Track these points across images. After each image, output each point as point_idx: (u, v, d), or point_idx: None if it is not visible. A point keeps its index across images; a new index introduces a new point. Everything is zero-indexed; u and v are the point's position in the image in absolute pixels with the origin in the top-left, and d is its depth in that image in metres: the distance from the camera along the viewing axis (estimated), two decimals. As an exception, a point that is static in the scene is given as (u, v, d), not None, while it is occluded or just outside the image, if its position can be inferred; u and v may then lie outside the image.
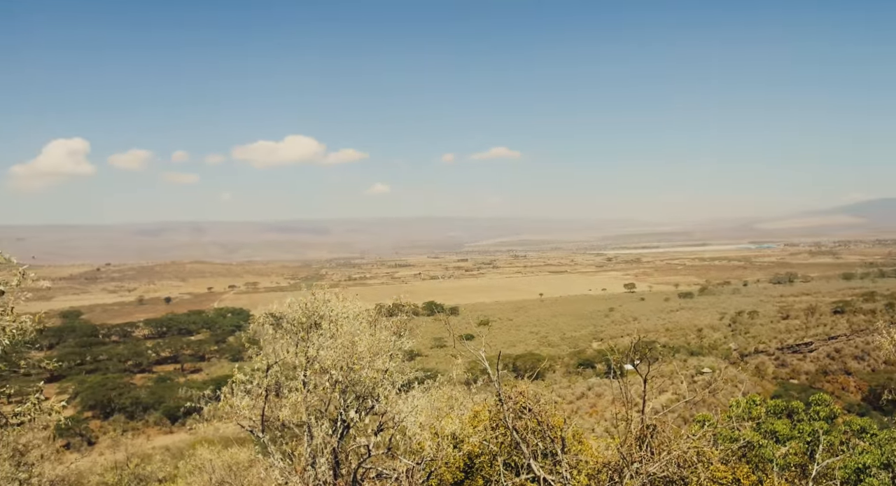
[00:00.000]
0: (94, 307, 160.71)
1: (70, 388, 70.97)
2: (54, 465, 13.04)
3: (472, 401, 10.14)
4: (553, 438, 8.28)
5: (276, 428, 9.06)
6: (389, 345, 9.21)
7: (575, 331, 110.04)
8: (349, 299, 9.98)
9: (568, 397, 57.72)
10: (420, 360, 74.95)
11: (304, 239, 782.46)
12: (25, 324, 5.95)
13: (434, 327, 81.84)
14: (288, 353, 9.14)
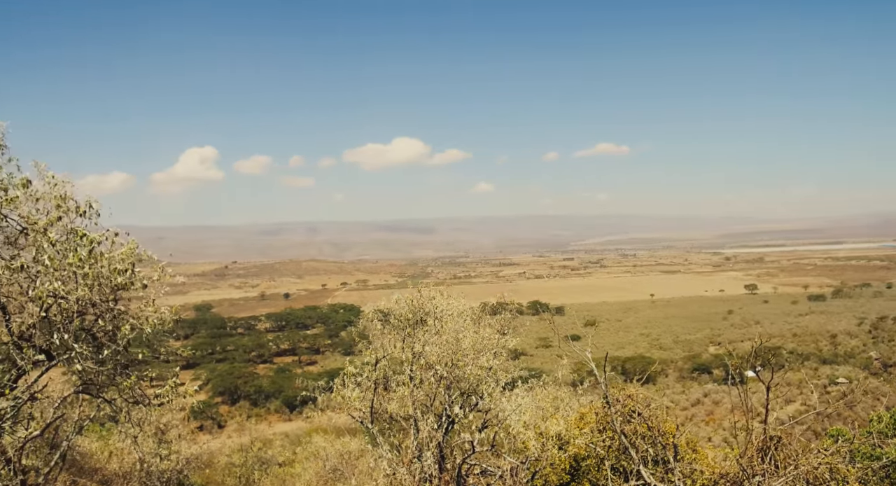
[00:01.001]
0: (223, 302, 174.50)
1: (202, 375, 77.49)
2: (189, 444, 14.33)
3: (577, 402, 9.92)
4: (665, 444, 7.90)
5: (384, 420, 9.38)
6: (493, 343, 9.22)
7: (689, 334, 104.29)
8: (454, 297, 10.11)
9: (681, 403, 54.81)
10: (524, 359, 74.44)
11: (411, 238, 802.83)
12: (165, 315, 6.58)
13: (538, 326, 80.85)
14: (395, 348, 9.43)
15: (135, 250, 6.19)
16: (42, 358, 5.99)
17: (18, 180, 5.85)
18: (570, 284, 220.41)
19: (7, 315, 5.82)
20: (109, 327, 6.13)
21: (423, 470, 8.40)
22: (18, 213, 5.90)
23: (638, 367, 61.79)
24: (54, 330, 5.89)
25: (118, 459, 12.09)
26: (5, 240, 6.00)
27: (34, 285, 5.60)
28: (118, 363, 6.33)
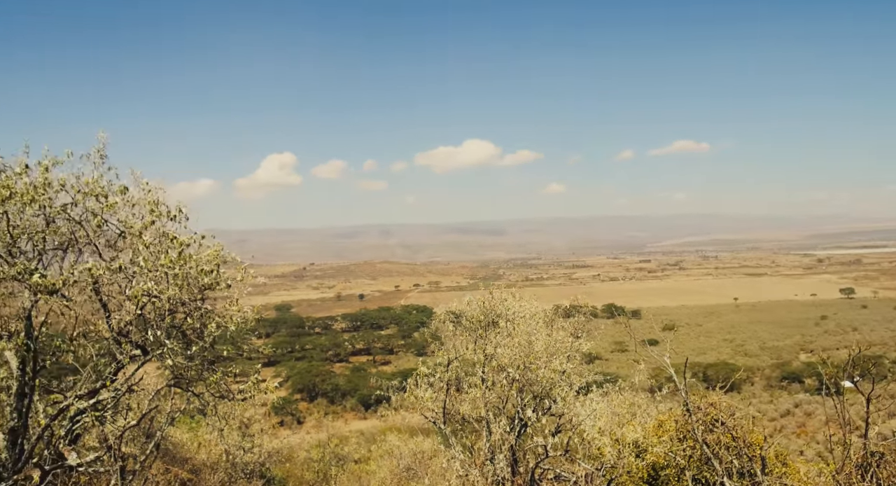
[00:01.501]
0: (301, 302, 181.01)
1: (283, 372, 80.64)
2: (271, 438, 14.94)
3: (655, 409, 9.57)
4: (751, 456, 7.48)
5: (456, 421, 9.41)
6: (566, 346, 9.06)
7: (777, 340, 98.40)
8: (526, 299, 10.01)
9: (769, 414, 51.77)
10: (599, 363, 72.63)
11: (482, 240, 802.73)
12: (248, 314, 6.88)
13: (614, 330, 78.78)
14: (467, 349, 9.44)
15: (220, 251, 6.52)
16: (138, 353, 6.41)
17: (117, 187, 6.30)
18: (646, 286, 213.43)
19: (108, 312, 6.27)
20: (197, 325, 6.48)
21: (496, 473, 8.36)
22: (117, 217, 6.36)
23: (721, 374, 58.94)
24: (149, 327, 6.29)
25: (206, 450, 12.76)
26: (106, 243, 6.47)
27: (131, 284, 6.01)
28: (205, 359, 6.68)
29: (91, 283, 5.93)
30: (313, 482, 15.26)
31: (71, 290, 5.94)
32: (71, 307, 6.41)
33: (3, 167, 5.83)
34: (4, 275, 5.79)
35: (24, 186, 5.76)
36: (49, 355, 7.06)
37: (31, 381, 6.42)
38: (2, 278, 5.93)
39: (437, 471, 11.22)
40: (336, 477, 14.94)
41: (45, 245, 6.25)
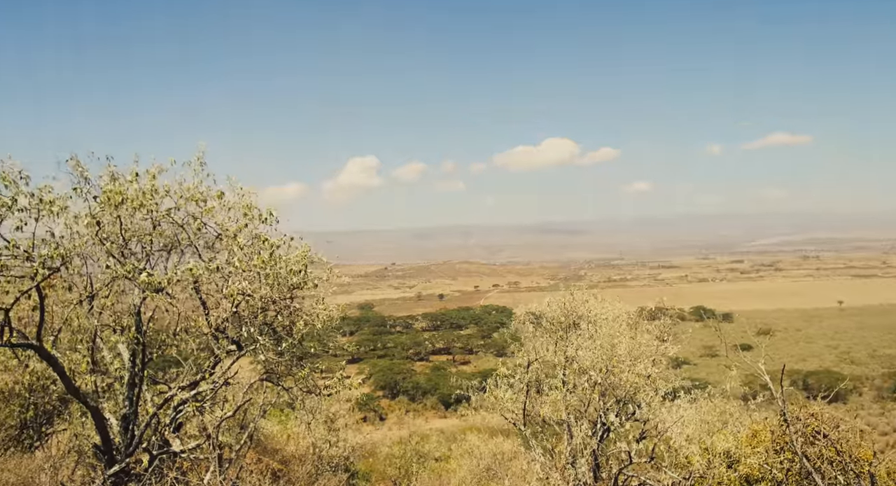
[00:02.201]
0: (383, 301, 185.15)
1: (365, 370, 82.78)
2: (355, 433, 15.40)
3: (749, 418, 9.06)
4: (858, 473, 6.93)
5: (536, 423, 9.31)
6: (652, 350, 8.76)
7: (890, 347, 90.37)
8: (608, 301, 9.77)
9: (880, 428, 47.64)
10: (687, 368, 69.44)
11: (562, 240, 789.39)
12: (333, 312, 7.15)
13: (703, 334, 75.20)
14: (547, 351, 9.32)
15: (307, 252, 6.81)
16: (233, 348, 6.81)
17: (215, 192, 6.72)
18: (739, 288, 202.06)
19: (206, 310, 6.71)
20: (287, 323, 6.80)
21: (577, 477, 8.20)
22: (215, 221, 6.78)
23: (823, 383, 54.86)
24: (243, 324, 6.67)
25: (295, 442, 13.33)
26: (205, 244, 6.92)
27: (227, 283, 6.39)
28: (294, 355, 7.00)
29: (192, 282, 6.36)
30: (395, 477, 15.58)
31: (174, 288, 6.40)
32: (174, 304, 6.91)
33: (116, 175, 6.36)
34: (117, 274, 6.32)
35: (134, 193, 6.26)
36: (155, 348, 7.64)
37: (141, 372, 6.97)
38: (115, 277, 6.48)
39: (517, 473, 11.15)
40: (417, 474, 15.17)
41: (151, 247, 6.77)
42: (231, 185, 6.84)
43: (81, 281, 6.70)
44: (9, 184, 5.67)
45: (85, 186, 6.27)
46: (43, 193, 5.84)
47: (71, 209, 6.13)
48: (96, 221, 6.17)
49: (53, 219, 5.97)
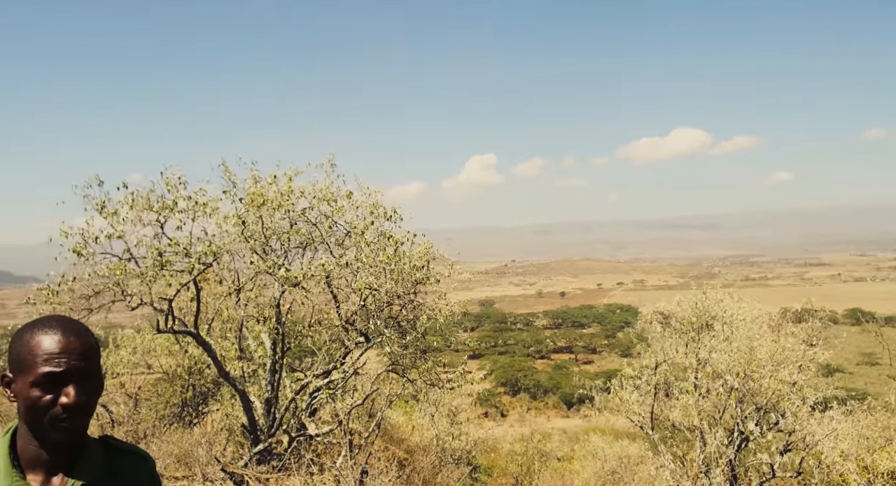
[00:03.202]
0: (503, 298, 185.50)
1: (486, 365, 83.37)
2: (476, 428, 15.59)
3: (919, 436, 7.99)
4: None
5: (665, 428, 8.87)
6: (798, 355, 7.99)
7: None
8: (746, 301, 9.06)
9: None
10: (840, 377, 62.54)
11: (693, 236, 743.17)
12: (455, 308, 7.29)
13: (860, 339, 67.44)
14: (677, 353, 8.84)
15: (429, 249, 7.00)
16: (362, 340, 7.16)
17: (344, 192, 7.12)
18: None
19: (337, 303, 7.12)
20: (411, 317, 7.04)
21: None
22: (344, 219, 7.18)
23: None
24: (370, 317, 7.00)
25: (419, 433, 13.76)
26: (335, 241, 7.34)
27: (355, 278, 6.74)
28: (418, 349, 7.22)
29: (324, 277, 6.78)
30: (517, 474, 15.57)
31: (309, 283, 6.86)
32: (309, 298, 7.40)
33: (259, 178, 6.94)
34: (259, 269, 6.89)
35: (273, 194, 6.79)
36: (293, 338, 8.23)
37: (281, 360, 7.55)
38: (257, 272, 7.07)
39: (644, 478, 10.69)
40: (539, 473, 15.05)
41: (289, 244, 7.31)
42: (359, 185, 7.22)
43: (230, 275, 7.39)
44: (171, 188, 6.40)
45: (233, 189, 6.91)
46: (198, 197, 6.52)
47: (221, 210, 6.80)
48: (242, 220, 6.78)
49: (206, 219, 6.65)
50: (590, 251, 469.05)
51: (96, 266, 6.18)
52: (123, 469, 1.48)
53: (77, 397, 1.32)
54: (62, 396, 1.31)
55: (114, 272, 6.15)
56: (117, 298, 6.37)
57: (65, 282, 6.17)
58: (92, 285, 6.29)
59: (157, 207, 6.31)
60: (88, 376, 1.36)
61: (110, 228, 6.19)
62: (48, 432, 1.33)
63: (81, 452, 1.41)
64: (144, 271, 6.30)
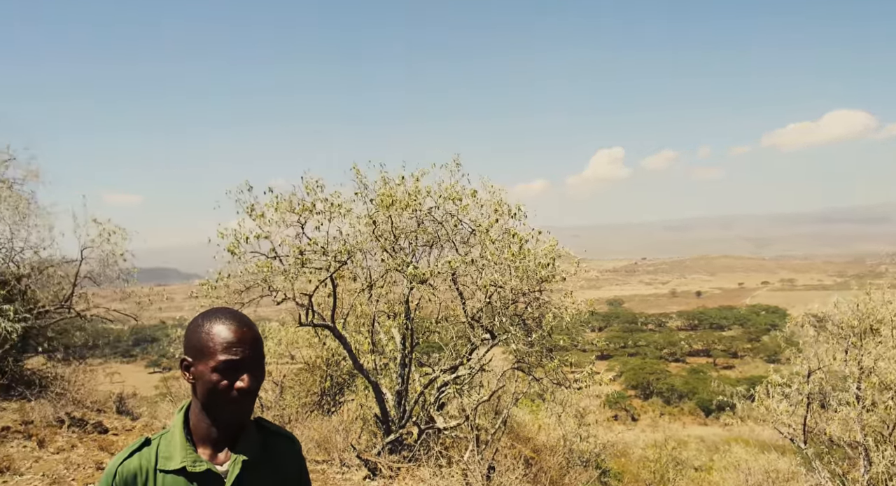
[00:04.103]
0: (633, 297, 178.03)
1: (615, 367, 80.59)
2: (605, 430, 15.13)
3: None
4: None
5: (821, 442, 8.03)
6: None
7: None
8: (921, 302, 7.94)
9: None
10: None
11: (853, 230, 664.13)
12: (581, 307, 7.12)
13: None
14: (834, 360, 7.96)
15: (554, 246, 6.90)
16: (487, 337, 7.23)
17: (469, 191, 7.22)
18: None
19: (463, 300, 7.24)
20: (536, 314, 6.98)
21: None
22: (469, 217, 7.28)
23: None
24: (495, 314, 7.04)
25: (545, 432, 13.61)
26: (461, 239, 7.47)
27: (481, 275, 6.81)
28: (544, 347, 7.15)
29: (450, 274, 6.93)
30: (650, 481, 14.89)
31: (436, 280, 7.05)
32: (436, 295, 7.60)
33: (388, 180, 7.24)
34: (389, 267, 7.19)
35: (401, 195, 7.06)
36: (421, 334, 8.50)
37: (410, 354, 7.82)
38: (388, 270, 7.38)
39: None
40: (674, 482, 14.29)
41: (416, 242, 7.55)
42: (483, 183, 7.28)
43: (363, 273, 7.78)
44: (310, 191, 6.88)
45: (364, 190, 7.28)
46: (334, 199, 6.95)
47: (354, 211, 7.18)
48: (373, 220, 7.12)
49: (341, 220, 7.07)
50: (729, 248, 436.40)
51: (247, 264, 6.80)
52: (274, 449, 1.63)
53: (250, 383, 1.47)
54: (238, 381, 1.46)
55: (261, 270, 6.73)
56: (265, 293, 6.96)
57: (221, 278, 6.85)
58: (243, 281, 6.93)
59: (297, 209, 6.81)
60: (258, 363, 1.51)
61: (258, 229, 6.78)
62: (222, 412, 1.49)
63: (243, 431, 1.56)
64: (287, 269, 6.83)
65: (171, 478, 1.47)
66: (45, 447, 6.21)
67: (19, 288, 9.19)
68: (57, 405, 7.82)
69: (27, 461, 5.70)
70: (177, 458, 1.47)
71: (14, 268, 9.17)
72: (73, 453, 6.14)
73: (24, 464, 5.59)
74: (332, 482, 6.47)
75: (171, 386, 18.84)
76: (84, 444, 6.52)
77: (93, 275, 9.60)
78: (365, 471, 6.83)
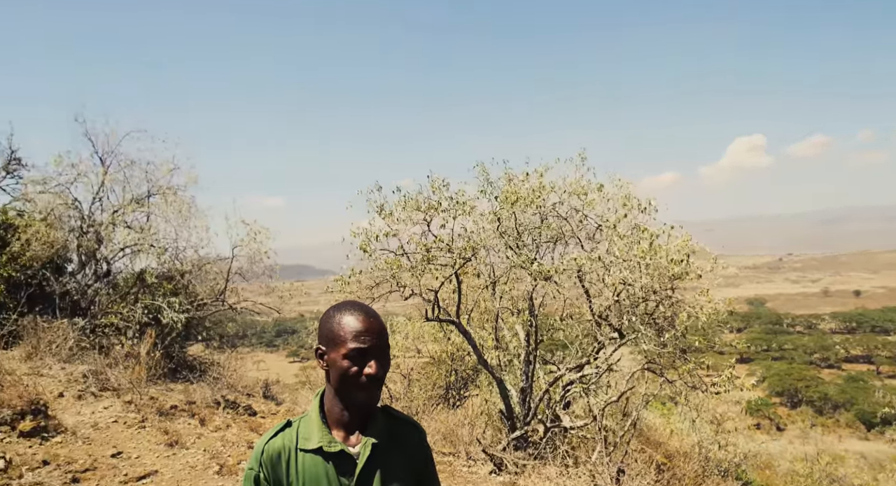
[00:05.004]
0: (777, 296, 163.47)
1: (757, 371, 74.50)
2: (746, 439, 14.03)
3: None
4: None
5: None
6: None
7: None
8: None
9: None
10: None
11: None
12: (718, 306, 6.65)
13: None
14: None
15: (688, 242, 6.50)
16: (615, 336, 6.98)
17: (594, 185, 7.02)
18: None
19: (589, 298, 7.05)
20: (668, 314, 6.63)
21: None
22: (595, 212, 7.08)
23: None
24: (624, 313, 6.78)
25: (678, 438, 12.91)
26: (586, 235, 7.28)
27: (608, 273, 6.59)
28: (677, 348, 6.77)
29: (575, 271, 6.77)
30: (799, 498, 13.62)
31: (560, 277, 6.93)
32: (560, 292, 7.47)
33: (511, 177, 7.23)
34: (514, 263, 7.18)
35: (526, 191, 7.02)
36: (545, 331, 8.40)
37: (534, 351, 7.77)
38: (511, 266, 7.38)
39: None
40: (829, 500, 12.94)
41: (540, 239, 7.47)
42: (609, 177, 7.04)
43: (486, 269, 7.84)
44: (436, 190, 7.05)
45: (488, 188, 7.33)
46: (458, 197, 7.07)
47: (477, 208, 7.26)
48: (497, 217, 7.15)
49: (465, 217, 7.17)
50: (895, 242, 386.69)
51: (377, 261, 7.12)
52: (401, 435, 1.73)
53: (378, 370, 1.59)
54: (366, 367, 1.58)
55: (390, 266, 7.01)
56: (393, 289, 7.25)
57: (353, 274, 7.24)
58: (374, 277, 7.26)
59: (423, 207, 7.02)
60: (384, 352, 1.63)
61: (387, 227, 7.07)
62: (353, 396, 1.61)
63: (372, 416, 1.68)
64: (414, 265, 7.06)
65: (309, 457, 1.61)
66: (205, 425, 6.93)
67: (182, 283, 10.34)
68: (214, 388, 8.70)
69: (191, 436, 6.40)
70: (314, 439, 1.62)
71: (178, 265, 10.33)
72: (227, 432, 6.79)
73: (189, 439, 6.28)
74: (458, 474, 6.60)
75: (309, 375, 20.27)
76: (237, 424, 7.19)
77: (242, 271, 10.57)
78: (490, 466, 6.89)
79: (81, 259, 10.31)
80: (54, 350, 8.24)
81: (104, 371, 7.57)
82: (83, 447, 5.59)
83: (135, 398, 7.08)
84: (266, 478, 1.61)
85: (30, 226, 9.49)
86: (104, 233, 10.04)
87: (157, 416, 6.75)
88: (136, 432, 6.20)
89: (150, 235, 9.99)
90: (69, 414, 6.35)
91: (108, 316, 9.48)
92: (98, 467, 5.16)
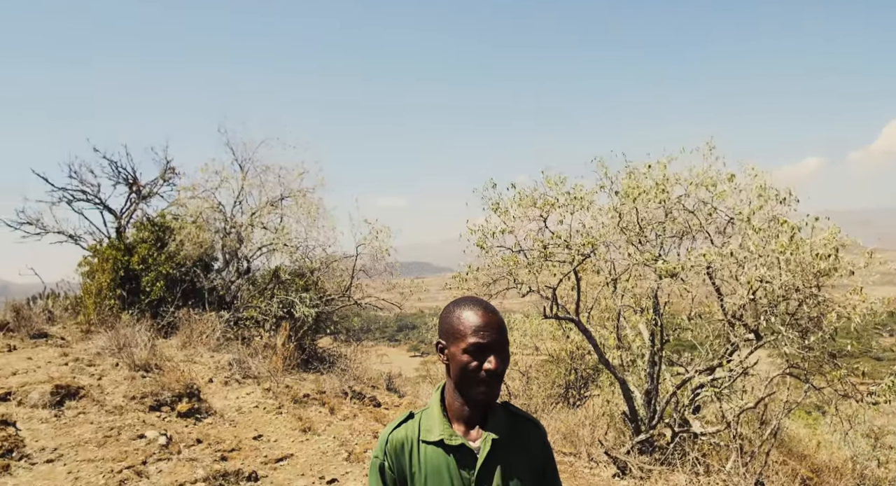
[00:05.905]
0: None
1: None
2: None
3: None
4: None
5: None
6: None
7: None
8: None
9: None
10: None
11: None
12: (875, 306, 5.94)
13: None
14: None
15: (836, 234, 5.87)
16: (751, 337, 6.47)
17: (725, 175, 6.54)
18: None
19: (720, 296, 6.59)
20: (814, 314, 6.03)
21: None
22: (725, 205, 6.60)
23: None
24: (760, 313, 6.26)
25: (827, 451, 11.72)
26: (716, 229, 6.81)
27: (742, 269, 6.12)
28: (825, 351, 6.15)
29: (704, 268, 6.35)
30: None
31: (687, 274, 6.53)
32: (688, 290, 7.05)
33: (633, 169, 6.94)
34: (636, 261, 6.88)
35: (648, 185, 6.70)
36: (671, 331, 7.98)
37: (660, 352, 7.41)
38: (634, 263, 7.07)
39: None
40: None
41: (664, 234, 7.10)
42: (741, 166, 6.53)
43: (606, 266, 7.59)
44: (552, 186, 6.94)
45: (607, 182, 7.08)
46: (576, 192, 6.90)
47: (596, 203, 7.04)
48: (617, 212, 6.88)
49: (584, 213, 6.98)
50: None
51: (493, 258, 7.14)
52: (521, 432, 1.71)
53: (497, 365, 1.57)
54: (486, 362, 1.57)
55: (507, 263, 7.00)
56: (510, 286, 7.23)
57: (471, 271, 7.31)
58: (490, 274, 7.29)
59: (539, 203, 6.92)
60: (504, 347, 1.61)
61: (503, 224, 7.06)
62: (472, 391, 1.61)
63: (492, 411, 1.67)
64: (531, 262, 6.99)
65: (431, 448, 1.63)
66: (334, 413, 7.34)
67: (312, 279, 11.03)
68: (342, 378, 9.18)
69: (322, 424, 6.81)
70: (436, 431, 1.64)
71: (308, 263, 11.04)
72: (354, 421, 7.15)
73: (320, 426, 6.68)
74: (580, 475, 6.45)
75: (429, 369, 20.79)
76: (363, 414, 7.55)
77: (365, 268, 11.08)
78: (613, 469, 6.66)
79: (225, 257, 11.35)
80: (204, 340, 9.15)
81: (246, 360, 8.27)
82: (229, 428, 6.15)
83: (272, 386, 7.66)
84: (391, 467, 1.65)
85: (183, 228, 10.59)
86: (244, 233, 10.98)
87: (291, 403, 7.25)
88: (273, 417, 6.71)
89: (283, 234, 10.77)
90: (217, 398, 7.01)
91: (249, 310, 10.35)
92: (242, 448, 5.65)
